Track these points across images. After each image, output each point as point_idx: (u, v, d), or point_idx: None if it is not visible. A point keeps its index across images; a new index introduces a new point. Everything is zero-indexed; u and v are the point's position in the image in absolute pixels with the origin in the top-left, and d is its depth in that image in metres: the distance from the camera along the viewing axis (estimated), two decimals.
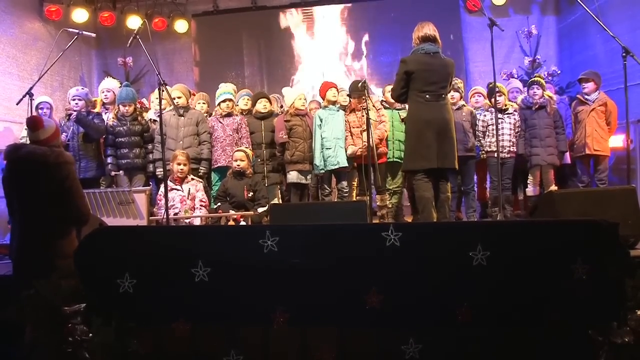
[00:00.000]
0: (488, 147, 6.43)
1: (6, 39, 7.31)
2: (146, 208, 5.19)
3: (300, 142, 6.21)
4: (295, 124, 6.26)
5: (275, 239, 3.04)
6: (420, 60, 5.07)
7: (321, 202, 6.19)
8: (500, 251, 2.98)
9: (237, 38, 9.72)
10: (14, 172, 3.71)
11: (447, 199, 5.25)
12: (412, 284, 3.04)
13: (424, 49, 5.07)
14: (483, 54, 8.60)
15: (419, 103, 5.05)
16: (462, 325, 2.97)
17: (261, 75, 9.71)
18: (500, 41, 6.04)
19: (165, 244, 3.24)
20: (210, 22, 9.77)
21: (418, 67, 5.03)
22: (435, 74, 5.03)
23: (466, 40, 9.19)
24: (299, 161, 6.20)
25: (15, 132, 7.12)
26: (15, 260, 3.76)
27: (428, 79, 5.02)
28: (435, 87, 5.02)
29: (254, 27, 9.70)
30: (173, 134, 6.18)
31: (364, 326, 3.05)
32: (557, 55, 9.01)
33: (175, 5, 9.55)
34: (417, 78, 5.03)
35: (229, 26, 9.71)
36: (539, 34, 8.86)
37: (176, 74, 9.54)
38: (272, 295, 3.06)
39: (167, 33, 9.51)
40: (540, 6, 9.11)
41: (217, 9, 9.65)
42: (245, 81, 9.24)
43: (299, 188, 6.30)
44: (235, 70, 9.45)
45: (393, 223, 3.37)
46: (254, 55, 9.72)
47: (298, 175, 6.20)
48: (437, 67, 5.05)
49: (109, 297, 3.18)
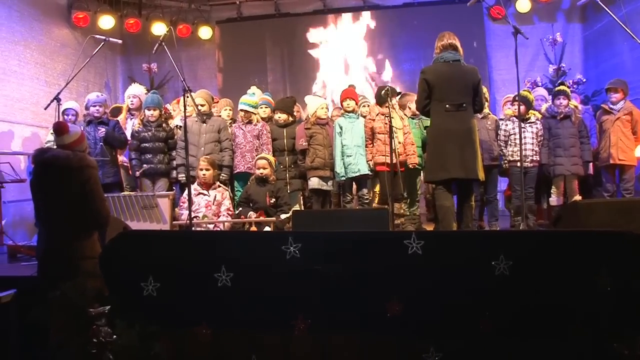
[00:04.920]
0: (510, 156, 6.38)
1: (35, 46, 7.47)
2: (169, 212, 5.26)
3: (321, 148, 6.22)
4: (315, 131, 6.28)
5: (298, 245, 3.07)
6: (439, 69, 5.04)
7: (343, 209, 6.19)
8: (523, 261, 2.96)
9: (261, 45, 9.80)
10: (39, 175, 3.80)
11: (470, 208, 5.23)
12: (434, 293, 3.03)
13: (444, 57, 5.04)
14: (507, 62, 8.55)
15: (439, 113, 5.01)
16: (484, 335, 2.95)
17: (284, 81, 9.77)
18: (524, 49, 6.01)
19: (189, 248, 3.29)
20: (233, 28, 9.87)
21: (437, 76, 5.00)
22: (455, 83, 4.99)
23: (490, 48, 9.16)
24: (319, 167, 6.21)
25: (42, 137, 7.27)
26: (40, 261, 3.84)
27: (447, 89, 4.97)
28: (455, 97, 4.95)
29: (278, 34, 9.78)
30: (195, 141, 6.24)
31: (384, 334, 3.06)
32: (583, 63, 8.94)
33: (200, 12, 9.67)
34: (436, 88, 5.00)
35: (253, 33, 9.80)
36: (564, 41, 8.79)
37: (200, 80, 9.64)
38: (294, 301, 3.08)
39: (191, 39, 9.63)
40: (566, 14, 9.05)
41: (240, 15, 9.75)
42: (269, 87, 9.29)
43: (321, 194, 6.31)
44: (259, 77, 9.51)
45: (415, 231, 3.38)
46: (277, 61, 9.79)
47: (319, 181, 6.21)
48: (456, 76, 5.00)
49: (132, 300, 3.23)
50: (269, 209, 5.70)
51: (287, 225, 5.45)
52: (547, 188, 6.67)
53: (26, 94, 7.20)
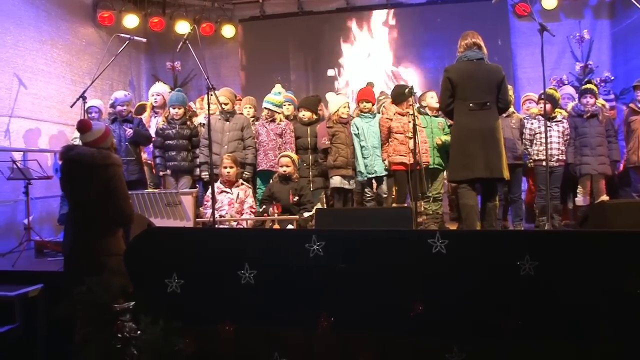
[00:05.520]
0: (536, 155, 6.31)
1: (61, 45, 7.58)
2: (193, 210, 5.30)
3: (343, 147, 6.21)
4: (337, 130, 6.27)
5: (322, 243, 3.08)
6: (462, 68, 5.01)
7: (367, 208, 6.18)
8: (550, 262, 2.94)
9: (283, 43, 9.82)
10: (65, 172, 3.86)
11: (494, 207, 5.18)
12: (458, 292, 3.02)
13: (467, 56, 5.01)
14: (532, 60, 8.44)
15: (462, 112, 4.98)
16: (508, 336, 2.94)
17: (307, 79, 9.77)
18: (550, 46, 5.93)
19: (213, 245, 3.32)
20: (256, 27, 9.90)
21: (460, 75, 4.97)
22: (478, 82, 4.95)
23: (514, 46, 9.06)
24: (342, 166, 6.20)
25: (68, 134, 7.37)
26: (66, 257, 3.89)
27: (471, 87, 4.94)
28: (479, 95, 4.92)
29: (300, 32, 9.78)
30: (218, 139, 6.28)
31: (407, 333, 3.06)
32: (611, 60, 8.79)
33: (223, 10, 9.72)
34: (459, 87, 4.96)
35: (276, 31, 9.82)
36: (592, 38, 8.65)
37: (223, 78, 9.67)
38: (317, 299, 3.09)
39: (214, 38, 9.69)
40: (593, 10, 8.91)
41: (263, 14, 9.78)
42: (291, 86, 9.29)
43: (342, 193, 6.31)
44: (282, 75, 9.51)
45: (439, 230, 3.38)
46: (300, 60, 9.80)
47: (341, 180, 6.21)
48: (480, 75, 4.96)
49: (157, 296, 3.27)
50: (292, 206, 5.72)
51: (310, 223, 5.46)
52: (573, 188, 6.58)
53: (53, 92, 7.31)
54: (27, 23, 6.91)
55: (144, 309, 3.20)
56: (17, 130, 6.63)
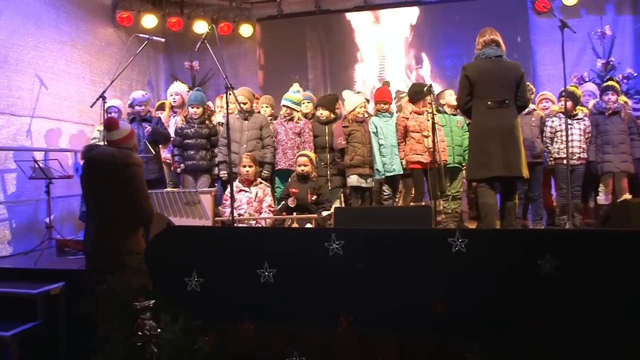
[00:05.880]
0: (556, 153, 6.25)
1: (81, 45, 7.66)
2: (212, 209, 5.33)
3: (359, 146, 6.20)
4: (354, 129, 6.26)
5: (341, 242, 3.09)
6: (480, 66, 4.98)
7: (385, 206, 6.18)
8: (572, 261, 2.91)
9: (301, 42, 9.82)
10: (87, 171, 3.91)
11: (514, 206, 5.14)
12: (478, 291, 3.01)
13: (485, 53, 4.97)
14: (552, 57, 8.34)
15: (480, 110, 4.94)
16: (529, 337, 2.92)
17: (325, 78, 9.77)
18: (570, 43, 5.86)
19: (232, 244, 3.34)
20: (274, 26, 9.92)
21: (478, 73, 4.93)
22: (496, 79, 4.90)
23: (534, 43, 8.96)
24: (359, 165, 6.20)
25: (88, 134, 7.45)
26: (87, 256, 3.95)
27: (489, 85, 4.89)
28: (497, 93, 4.88)
29: (318, 30, 9.78)
30: (237, 138, 6.31)
31: (427, 332, 3.05)
32: (634, 56, 8.65)
33: (240, 10, 9.76)
34: (478, 85, 4.93)
35: (293, 30, 9.83)
36: (614, 34, 8.54)
37: (241, 77, 9.70)
38: (336, 298, 3.10)
39: (232, 37, 9.71)
40: (616, 5, 8.77)
41: (281, 13, 9.79)
42: (309, 85, 9.30)
43: (360, 191, 6.31)
44: (299, 74, 9.51)
45: (459, 229, 3.36)
46: (318, 58, 9.80)
47: (358, 178, 6.20)
48: (498, 72, 4.92)
49: (176, 294, 3.30)
50: (311, 205, 5.73)
51: (328, 222, 5.47)
52: (594, 186, 6.51)
53: (73, 93, 7.39)
54: (48, 24, 7.00)
55: (164, 307, 3.23)
56: (38, 130, 6.71)
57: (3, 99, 6.19)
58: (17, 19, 6.45)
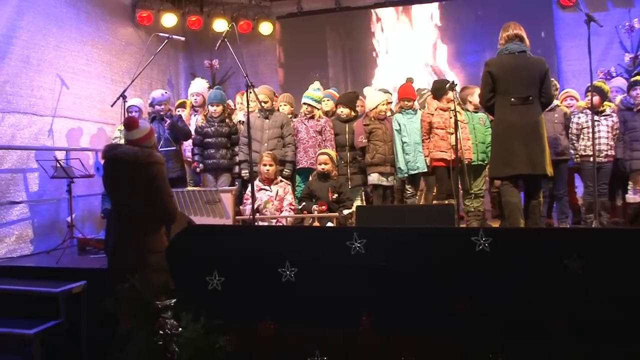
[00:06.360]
0: (583, 150, 6.16)
1: (101, 45, 7.73)
2: (232, 207, 5.35)
3: (381, 144, 6.17)
4: (375, 127, 6.23)
5: (363, 241, 3.07)
6: (503, 61, 4.91)
7: (408, 205, 6.16)
8: (599, 261, 2.86)
9: (321, 39, 9.81)
10: (109, 170, 3.94)
11: (539, 204, 5.07)
12: (502, 291, 2.98)
13: (509, 48, 4.91)
14: (577, 52, 8.20)
15: (503, 107, 4.89)
16: (555, 338, 2.88)
17: (345, 76, 9.75)
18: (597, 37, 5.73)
19: (254, 243, 3.34)
20: (294, 23, 9.92)
21: (501, 69, 4.87)
22: (520, 75, 4.84)
23: (559, 38, 8.83)
24: (379, 163, 6.17)
25: (108, 133, 7.52)
26: (109, 254, 3.98)
27: (513, 81, 4.83)
28: (520, 89, 4.81)
29: (338, 28, 9.76)
30: (257, 136, 6.32)
31: (450, 332, 3.03)
32: None
33: (260, 7, 9.77)
34: (500, 81, 4.87)
35: (313, 28, 9.82)
36: None
37: (261, 76, 9.72)
38: (359, 297, 3.09)
39: (251, 35, 9.73)
40: None
41: (301, 10, 9.77)
42: (330, 82, 9.25)
43: (381, 190, 6.28)
44: (320, 72, 9.51)
45: (483, 227, 3.33)
46: (338, 56, 9.79)
47: (379, 177, 6.17)
48: (522, 68, 4.85)
49: (198, 293, 3.31)
50: (332, 204, 5.71)
51: (349, 220, 5.45)
52: (622, 184, 6.41)
53: (93, 92, 7.46)
54: (69, 24, 7.07)
55: (185, 306, 3.24)
56: (59, 130, 6.79)
57: (25, 99, 6.28)
58: (39, 19, 6.53)
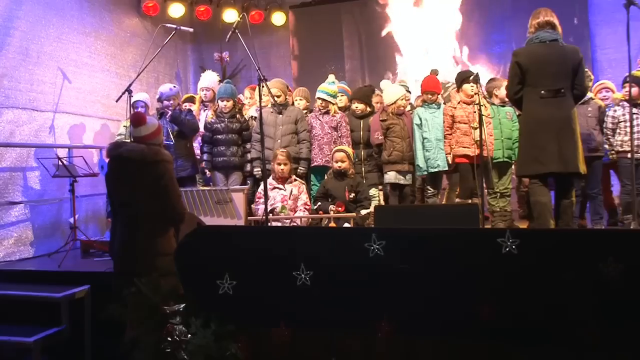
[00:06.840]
0: (619, 146, 6.10)
1: (105, 37, 7.77)
2: (244, 207, 5.37)
3: (398, 141, 6.18)
4: (392, 122, 6.23)
5: (382, 242, 3.08)
6: (533, 51, 4.86)
7: (429, 205, 6.14)
8: (638, 265, 2.84)
9: (337, 30, 9.81)
10: (114, 169, 3.98)
11: (571, 204, 5.04)
12: (531, 297, 2.97)
13: (539, 37, 4.84)
14: (614, 40, 8.11)
15: (532, 100, 4.83)
16: (588, 347, 2.87)
17: (362, 69, 9.74)
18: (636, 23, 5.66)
19: (267, 245, 3.36)
20: (308, 13, 9.94)
21: (530, 59, 4.81)
22: (551, 66, 4.77)
23: (593, 25, 8.73)
24: (397, 161, 6.18)
25: (113, 130, 7.56)
26: (115, 257, 4.02)
27: (543, 72, 4.77)
28: (551, 81, 4.75)
29: (355, 18, 9.76)
30: (271, 133, 6.33)
31: (474, 339, 3.03)
32: None
33: None
34: (530, 72, 4.81)
35: (328, 18, 9.83)
36: None
37: (273, 68, 9.73)
38: (378, 302, 3.10)
39: (263, 26, 9.76)
40: None
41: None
42: (346, 75, 9.29)
43: (398, 189, 6.28)
44: (335, 64, 9.52)
45: (510, 229, 3.32)
46: (355, 48, 9.78)
47: (396, 175, 6.17)
48: (553, 58, 4.78)
49: (208, 298, 3.34)
50: (349, 204, 5.72)
51: (367, 221, 5.46)
52: None
53: (97, 86, 7.50)
54: (70, 15, 7.09)
55: (194, 311, 3.27)
56: (61, 126, 6.81)
57: (25, 93, 6.28)
58: (38, 9, 6.53)
